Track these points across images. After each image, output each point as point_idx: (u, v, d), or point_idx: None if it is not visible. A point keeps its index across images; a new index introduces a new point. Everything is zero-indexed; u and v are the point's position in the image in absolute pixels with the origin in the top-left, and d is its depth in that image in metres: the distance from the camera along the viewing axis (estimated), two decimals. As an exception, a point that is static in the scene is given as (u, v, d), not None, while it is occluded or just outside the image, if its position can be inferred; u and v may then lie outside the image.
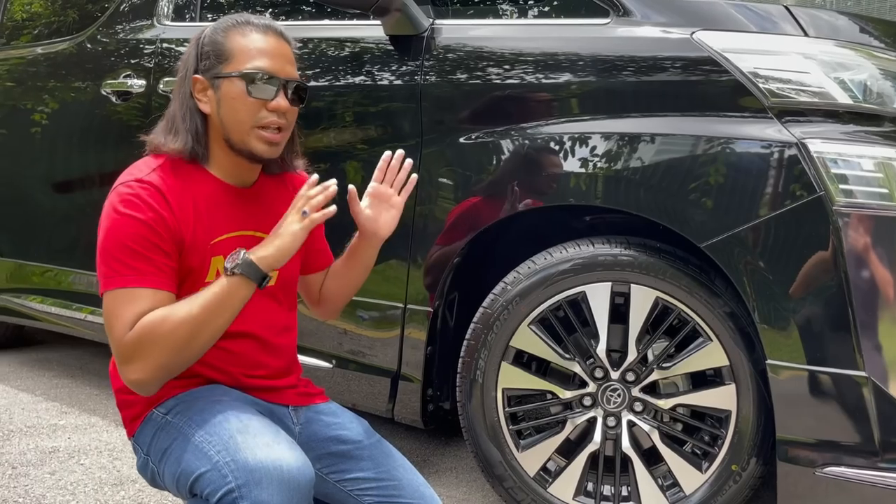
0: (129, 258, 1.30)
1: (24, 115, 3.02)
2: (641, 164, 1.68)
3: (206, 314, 1.29)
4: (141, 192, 1.32)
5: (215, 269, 1.41)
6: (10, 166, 3.12)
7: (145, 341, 1.27)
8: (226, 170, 1.45)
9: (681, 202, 1.64)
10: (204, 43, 1.41)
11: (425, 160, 1.96)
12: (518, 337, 1.80)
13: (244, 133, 1.39)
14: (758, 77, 1.58)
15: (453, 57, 1.94)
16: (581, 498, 1.80)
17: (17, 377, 3.11)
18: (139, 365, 1.28)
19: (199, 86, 1.40)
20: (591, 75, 1.76)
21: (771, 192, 1.56)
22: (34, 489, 2.03)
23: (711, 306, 1.67)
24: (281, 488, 1.26)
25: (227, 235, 1.43)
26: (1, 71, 3.19)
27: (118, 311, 1.29)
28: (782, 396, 1.57)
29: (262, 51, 1.40)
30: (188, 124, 1.40)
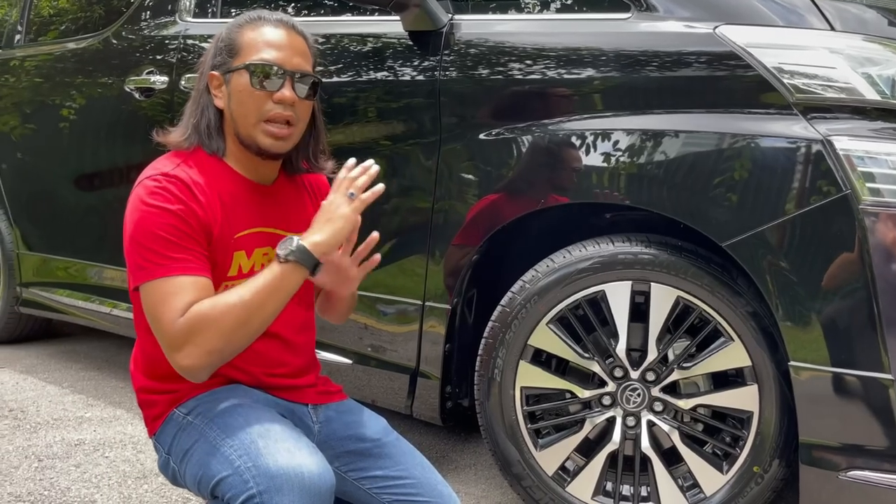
0: (164, 248, 1.30)
1: (52, 112, 3.06)
2: (662, 162, 1.65)
3: (258, 299, 1.28)
4: (168, 185, 1.33)
5: (237, 263, 1.41)
6: (38, 161, 3.16)
7: (197, 327, 1.26)
8: (243, 165, 1.45)
9: (702, 200, 1.61)
10: (220, 39, 1.43)
11: (444, 156, 1.95)
12: (536, 336, 1.78)
13: (250, 126, 1.39)
14: (782, 72, 1.55)
15: (473, 52, 1.93)
16: (600, 498, 1.79)
17: (46, 369, 3.16)
18: (190, 350, 1.27)
19: (215, 82, 1.41)
20: (611, 71, 1.73)
21: (795, 190, 1.52)
22: (60, 482, 2.06)
23: (733, 306, 1.65)
24: (302, 495, 1.26)
25: (249, 231, 1.43)
26: (29, 67, 3.24)
27: (164, 300, 1.28)
28: (805, 398, 1.54)
29: (270, 43, 1.39)
30: (196, 118, 1.41)
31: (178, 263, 1.31)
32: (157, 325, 1.31)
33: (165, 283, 1.30)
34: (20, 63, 3.28)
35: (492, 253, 1.97)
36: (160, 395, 1.48)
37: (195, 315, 1.27)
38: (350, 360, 2.15)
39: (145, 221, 1.31)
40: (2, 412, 2.62)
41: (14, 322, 3.45)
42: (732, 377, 1.71)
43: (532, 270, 1.80)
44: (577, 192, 1.78)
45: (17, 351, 3.44)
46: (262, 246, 1.46)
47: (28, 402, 2.72)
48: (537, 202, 1.81)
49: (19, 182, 3.28)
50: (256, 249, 1.45)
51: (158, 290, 1.30)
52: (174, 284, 1.30)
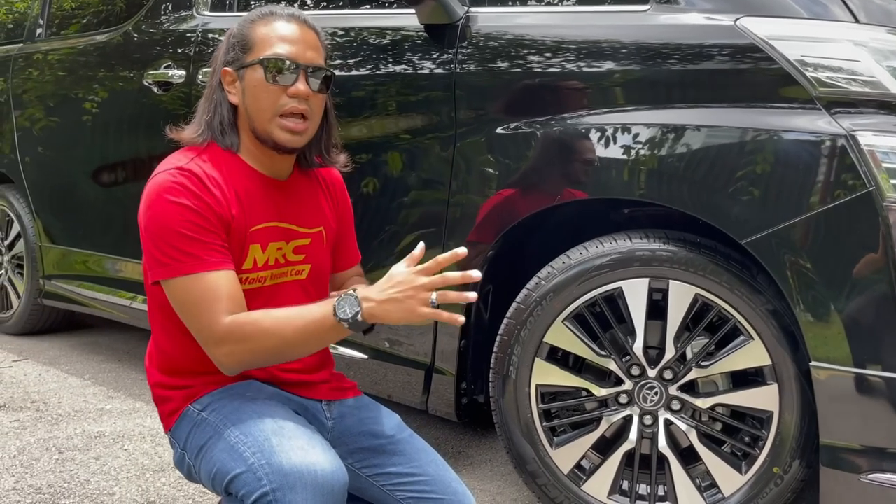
0: (185, 244, 1.31)
1: (73, 105, 3.08)
2: (681, 157, 1.62)
3: (300, 340, 1.33)
4: (183, 180, 1.33)
5: (252, 257, 1.42)
6: (59, 155, 3.19)
7: (238, 336, 1.30)
8: (258, 160, 1.45)
9: (722, 197, 1.58)
10: (233, 36, 1.43)
11: (460, 151, 1.93)
12: (552, 333, 1.76)
13: (266, 121, 1.39)
14: (805, 65, 1.51)
15: (489, 46, 1.90)
16: (616, 497, 1.77)
17: (68, 361, 3.20)
18: (228, 350, 1.32)
19: (228, 78, 1.41)
20: (630, 64, 1.70)
21: (818, 186, 1.49)
22: (79, 474, 2.08)
23: (753, 304, 1.62)
24: (315, 493, 1.26)
25: (264, 225, 1.43)
26: (51, 61, 3.26)
27: (201, 299, 1.31)
28: (827, 399, 1.51)
29: (283, 37, 1.39)
30: (210, 115, 1.41)
31: (202, 261, 1.32)
32: (196, 321, 1.33)
33: (195, 280, 1.32)
34: (43, 57, 3.30)
35: (508, 248, 1.95)
36: (175, 390, 1.49)
37: (241, 324, 1.31)
38: (366, 356, 2.15)
39: (163, 217, 1.32)
40: (24, 403, 2.65)
41: (37, 314, 3.49)
42: (752, 376, 1.68)
43: (548, 267, 1.78)
44: (595, 188, 1.75)
45: (40, 342, 3.48)
46: (277, 240, 1.46)
47: (50, 394, 2.76)
48: (554, 197, 1.79)
49: (41, 175, 3.31)
50: (271, 244, 1.45)
51: (189, 287, 1.32)
52: (204, 282, 1.32)
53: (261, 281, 1.45)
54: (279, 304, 1.47)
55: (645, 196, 1.69)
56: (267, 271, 1.45)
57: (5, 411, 2.57)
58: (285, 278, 1.50)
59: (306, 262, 1.53)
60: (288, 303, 1.50)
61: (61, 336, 3.60)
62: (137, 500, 1.93)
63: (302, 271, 1.53)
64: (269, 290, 1.46)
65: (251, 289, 1.44)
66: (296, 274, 1.52)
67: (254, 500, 1.27)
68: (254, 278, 1.44)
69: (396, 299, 1.25)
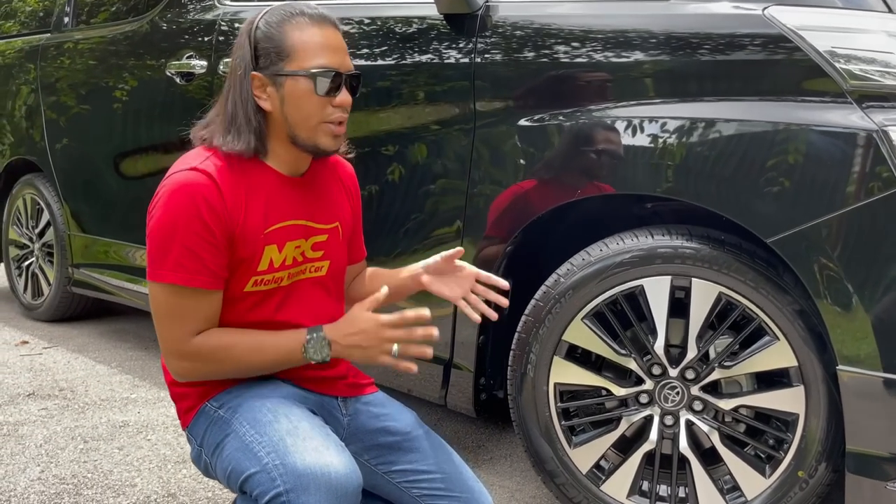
0: (183, 256, 1.31)
1: (98, 94, 3.10)
2: (705, 152, 1.57)
3: (261, 368, 1.40)
4: (195, 182, 1.32)
5: (268, 258, 1.41)
6: (86, 144, 3.22)
7: (206, 358, 1.36)
8: (284, 162, 1.44)
9: (746, 194, 1.53)
10: (258, 38, 1.37)
11: (478, 143, 1.89)
12: (571, 331, 1.73)
13: (311, 129, 1.38)
14: (836, 57, 1.44)
15: (510, 35, 1.86)
16: (635, 497, 1.74)
17: (96, 348, 3.24)
18: (188, 366, 1.37)
19: (258, 83, 1.37)
20: (654, 55, 1.65)
21: (847, 184, 1.43)
22: (102, 464, 2.11)
23: (779, 303, 1.57)
24: (329, 495, 1.27)
25: (281, 225, 1.42)
26: (80, 50, 3.28)
27: (173, 311, 1.34)
28: (854, 405, 1.46)
29: (324, 46, 1.37)
30: (242, 122, 1.38)
31: (191, 277, 1.33)
32: (164, 330, 1.37)
33: (176, 292, 1.33)
34: (71, 46, 3.32)
35: (529, 243, 1.92)
36: (191, 387, 1.50)
37: (212, 348, 1.36)
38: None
39: (169, 222, 1.32)
40: (53, 391, 2.69)
41: (67, 301, 3.54)
42: (777, 378, 1.64)
43: (567, 263, 1.75)
44: (615, 183, 1.71)
45: (70, 329, 3.54)
46: (295, 239, 1.45)
47: (77, 382, 2.80)
48: (576, 192, 1.75)
49: (68, 163, 3.35)
50: (288, 243, 1.44)
51: (169, 296, 1.34)
52: (184, 298, 1.34)
53: (277, 282, 1.44)
54: (298, 303, 1.47)
55: (666, 192, 1.64)
56: (284, 271, 1.44)
57: (34, 399, 2.61)
58: (304, 276, 1.49)
59: (325, 259, 1.52)
60: (308, 300, 1.49)
61: (91, 323, 3.66)
62: (158, 492, 1.95)
63: (321, 268, 1.52)
64: (286, 289, 1.46)
65: (267, 290, 1.43)
66: (315, 271, 1.51)
67: (267, 501, 1.28)
68: (269, 279, 1.42)
69: (360, 346, 1.34)
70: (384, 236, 2.10)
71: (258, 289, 1.41)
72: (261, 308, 1.43)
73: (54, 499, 1.90)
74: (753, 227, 1.53)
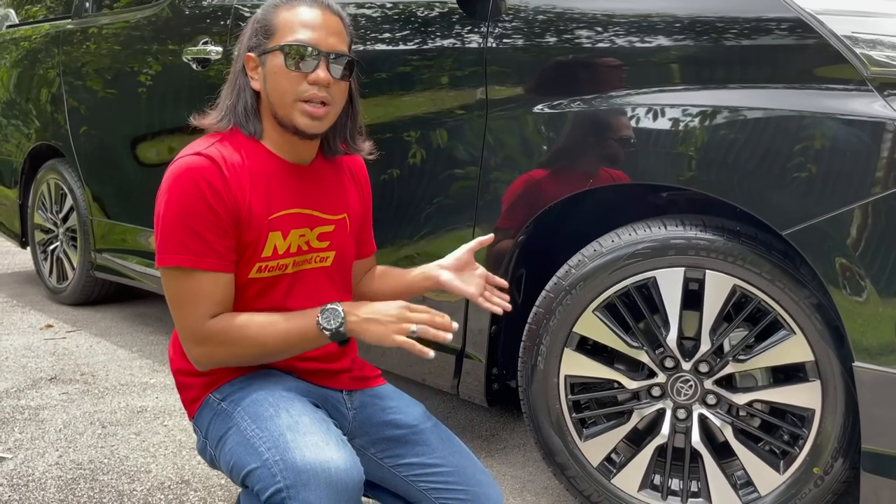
0: (191, 239, 1.32)
1: (119, 80, 3.11)
2: (718, 141, 1.52)
3: (279, 346, 1.36)
4: (202, 169, 1.33)
5: (273, 243, 1.41)
6: (106, 129, 3.24)
7: (220, 339, 1.34)
8: (280, 146, 1.44)
9: (761, 184, 1.48)
10: (256, 21, 1.41)
11: (490, 131, 1.86)
12: (582, 323, 1.70)
13: (287, 106, 1.38)
14: (856, 42, 1.39)
15: (524, 19, 1.82)
16: (647, 491, 1.71)
17: (119, 332, 3.28)
18: (205, 350, 1.36)
19: (251, 63, 1.40)
20: (660, 41, 1.60)
21: (867, 175, 1.37)
22: (119, 449, 2.14)
23: (796, 297, 1.52)
24: (329, 491, 1.26)
25: (285, 212, 1.42)
26: (99, 35, 3.29)
27: (191, 297, 1.34)
28: (870, 402, 1.42)
29: (305, 23, 1.37)
30: (233, 100, 1.40)
31: (200, 259, 1.33)
32: (180, 316, 1.36)
33: (187, 275, 1.33)
34: (93, 31, 3.33)
35: (543, 232, 1.89)
36: (196, 377, 1.50)
37: (225, 329, 1.34)
38: (397, 338, 2.12)
39: (176, 206, 1.32)
40: (74, 376, 2.73)
41: (91, 285, 3.59)
42: (793, 372, 1.60)
43: (578, 254, 1.72)
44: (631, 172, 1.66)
45: (94, 313, 3.59)
46: (299, 227, 1.45)
47: (98, 367, 2.83)
48: (588, 181, 1.71)
49: (90, 148, 3.37)
50: (293, 231, 1.44)
51: (181, 280, 1.34)
52: (196, 280, 1.33)
53: (282, 268, 1.44)
54: (303, 290, 1.47)
55: (678, 182, 1.60)
56: (289, 258, 1.44)
57: (56, 383, 2.65)
58: (309, 265, 1.49)
59: (331, 249, 1.51)
60: (312, 289, 1.49)
61: (114, 306, 3.70)
62: (172, 479, 1.97)
63: (327, 258, 1.51)
64: (292, 277, 1.46)
65: (272, 276, 1.43)
66: (320, 261, 1.51)
67: (268, 496, 1.28)
68: (274, 266, 1.42)
69: (379, 321, 1.31)
70: (395, 225, 2.08)
71: (263, 275, 1.41)
72: (267, 295, 1.43)
73: (70, 484, 1.93)
74: (768, 218, 1.48)
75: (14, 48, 3.93)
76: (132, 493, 1.89)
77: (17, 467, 2.01)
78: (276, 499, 1.27)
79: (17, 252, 5.09)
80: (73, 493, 1.88)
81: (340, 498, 1.28)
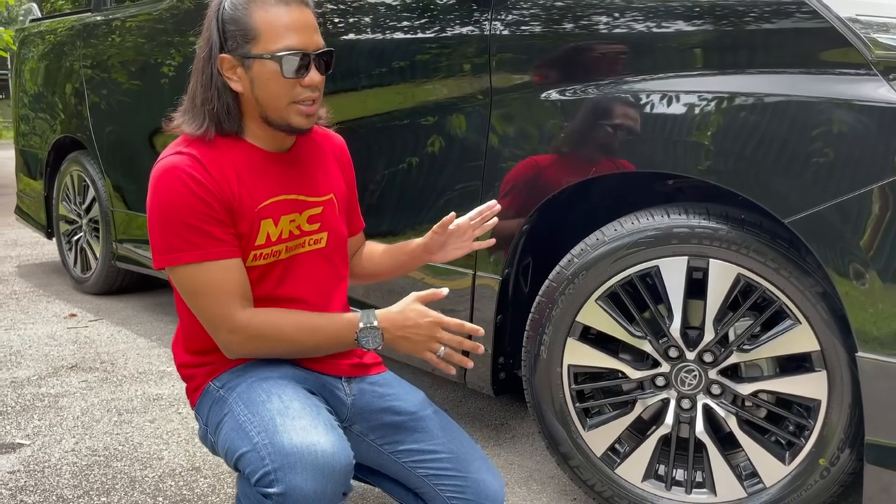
0: (190, 234, 1.33)
1: (137, 73, 3.15)
2: (718, 128, 1.50)
3: (312, 350, 1.42)
4: (186, 166, 1.34)
5: (265, 231, 1.43)
6: (123, 122, 3.28)
7: (255, 334, 1.37)
8: (262, 139, 1.45)
9: (763, 172, 1.45)
10: (225, 19, 1.36)
11: (495, 118, 1.85)
12: (585, 312, 1.69)
13: (282, 110, 1.39)
14: (859, 25, 1.35)
15: (527, 5, 1.80)
16: (651, 481, 1.70)
17: (139, 321, 3.34)
18: (240, 340, 1.38)
19: (227, 64, 1.37)
20: (662, 25, 1.57)
21: (871, 161, 1.34)
22: (134, 437, 2.18)
23: (801, 286, 1.50)
24: (315, 473, 1.28)
25: (273, 199, 1.44)
26: (119, 27, 3.33)
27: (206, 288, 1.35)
28: (874, 393, 1.39)
29: (289, 27, 1.35)
30: (212, 104, 1.38)
31: (206, 250, 1.34)
32: (205, 308, 1.37)
33: (200, 269, 1.34)
34: (114, 24, 3.37)
35: (549, 221, 1.88)
36: (198, 368, 1.53)
37: (261, 324, 1.37)
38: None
39: (167, 204, 1.33)
40: (94, 364, 2.78)
41: (113, 275, 3.65)
42: (798, 362, 1.57)
43: (581, 243, 1.70)
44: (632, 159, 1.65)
45: (116, 302, 3.65)
46: (288, 213, 1.47)
47: (118, 355, 2.88)
48: (590, 169, 1.70)
49: (109, 140, 3.43)
50: (283, 217, 1.46)
51: (195, 276, 1.35)
52: (210, 272, 1.35)
53: (275, 255, 1.46)
54: (300, 274, 1.49)
55: (678, 170, 1.57)
56: (281, 244, 1.46)
57: (76, 371, 2.71)
58: (303, 249, 1.50)
59: (322, 231, 1.53)
60: (310, 273, 1.50)
61: (136, 296, 3.76)
62: (183, 465, 2.00)
63: (320, 240, 1.53)
64: (286, 262, 1.48)
65: (266, 264, 1.45)
66: (314, 243, 1.52)
67: (257, 479, 1.30)
68: (268, 253, 1.44)
69: (411, 339, 1.37)
70: (401, 213, 2.08)
71: (258, 263, 1.43)
72: (264, 282, 1.45)
73: (85, 470, 1.97)
74: (771, 206, 1.46)
75: (40, 42, 4.00)
76: (144, 479, 1.93)
77: (34, 453, 2.06)
78: (264, 481, 1.29)
79: (44, 243, 5.19)
80: (86, 479, 1.92)
81: (327, 480, 1.29)
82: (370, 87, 2.12)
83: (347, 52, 2.13)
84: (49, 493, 1.85)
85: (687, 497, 1.67)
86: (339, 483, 1.32)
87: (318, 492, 1.29)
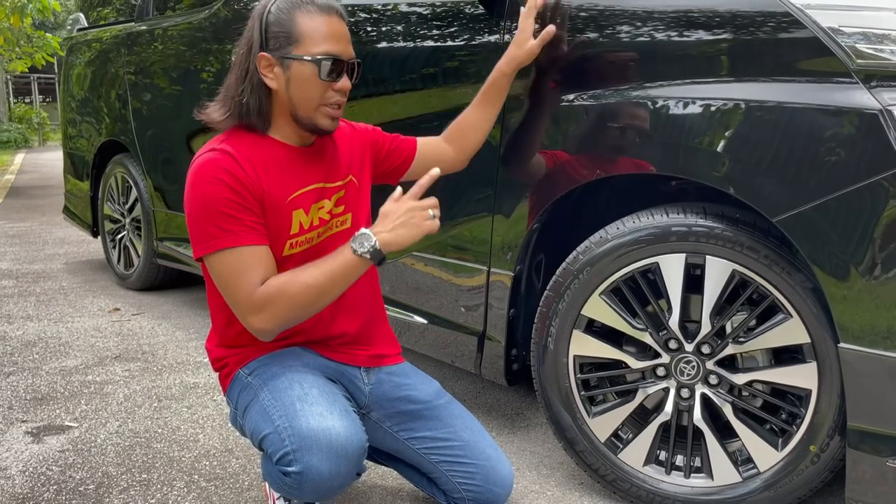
0: (225, 222, 1.44)
1: (177, 79, 3.31)
2: (709, 132, 1.59)
3: (328, 284, 1.45)
4: (220, 162, 1.46)
5: (297, 221, 1.54)
6: (164, 126, 3.45)
7: (274, 299, 1.43)
8: (288, 136, 1.56)
9: (752, 173, 1.54)
10: (269, 21, 1.48)
11: (507, 124, 1.96)
12: (589, 306, 1.79)
13: (311, 110, 1.51)
14: (841, 35, 1.44)
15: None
16: (652, 466, 1.80)
17: (178, 315, 3.51)
18: (266, 316, 1.44)
19: (265, 62, 1.49)
20: (659, 34, 1.67)
21: (851, 164, 1.42)
22: (172, 421, 2.33)
23: (792, 281, 1.58)
24: (329, 455, 1.41)
25: (302, 191, 1.55)
26: (161, 36, 3.50)
27: (239, 272, 1.44)
28: (855, 382, 1.47)
29: (329, 35, 1.48)
30: (245, 97, 1.49)
31: (239, 236, 1.44)
32: (233, 293, 1.46)
33: (232, 254, 1.44)
34: (156, 33, 3.55)
35: (560, 219, 1.98)
36: (229, 357, 1.66)
37: (274, 288, 1.43)
38: (425, 321, 2.25)
39: (204, 197, 1.45)
40: (136, 355, 2.96)
41: (154, 272, 3.84)
42: (791, 353, 1.66)
43: (586, 241, 1.81)
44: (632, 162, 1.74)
45: (157, 298, 3.83)
46: (317, 201, 1.58)
47: (158, 346, 3.06)
48: (596, 171, 1.80)
49: (151, 143, 3.61)
50: (312, 206, 1.57)
51: (227, 261, 1.45)
52: (241, 256, 1.44)
53: (309, 241, 1.58)
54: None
55: (672, 170, 1.67)
56: (313, 231, 1.58)
57: (120, 361, 2.88)
58: (332, 231, 1.62)
59: (347, 212, 1.65)
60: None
61: (176, 291, 3.95)
62: (217, 447, 2.15)
63: (346, 221, 1.65)
64: (318, 247, 1.59)
65: (302, 250, 1.56)
66: (341, 225, 1.64)
67: (278, 458, 1.43)
68: (303, 241, 1.56)
69: (405, 225, 1.45)
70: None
71: (294, 251, 1.55)
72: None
73: (128, 450, 2.13)
74: (760, 206, 1.54)
75: (86, 50, 4.21)
76: (181, 459, 2.07)
77: (81, 434, 2.23)
78: (284, 461, 1.42)
79: (90, 241, 5.43)
80: (129, 458, 2.08)
81: (341, 461, 1.42)
82: (388, 94, 2.25)
83: (370, 60, 2.26)
84: (95, 470, 2.01)
85: (686, 481, 1.76)
86: (352, 464, 1.45)
87: (332, 471, 1.41)
